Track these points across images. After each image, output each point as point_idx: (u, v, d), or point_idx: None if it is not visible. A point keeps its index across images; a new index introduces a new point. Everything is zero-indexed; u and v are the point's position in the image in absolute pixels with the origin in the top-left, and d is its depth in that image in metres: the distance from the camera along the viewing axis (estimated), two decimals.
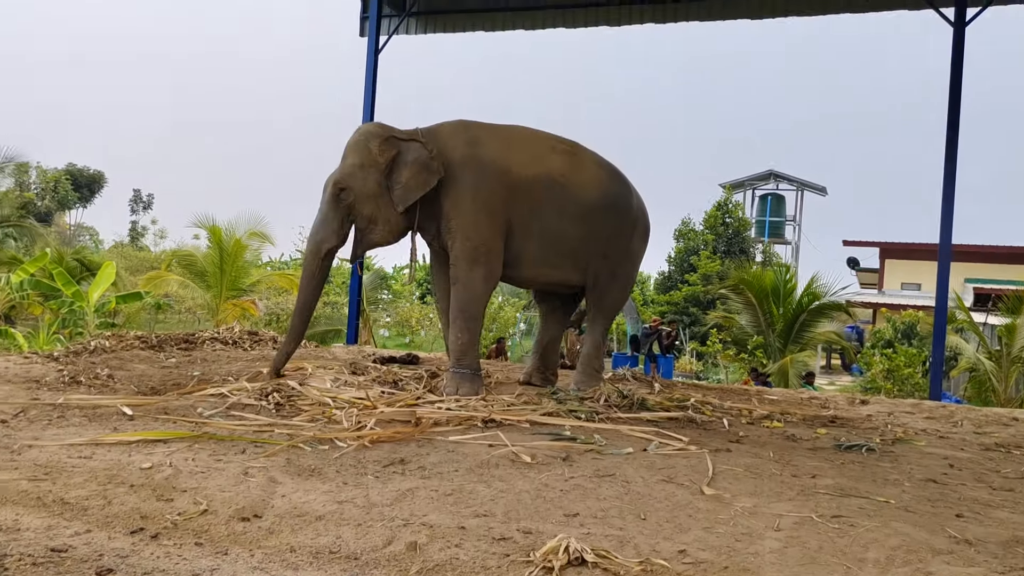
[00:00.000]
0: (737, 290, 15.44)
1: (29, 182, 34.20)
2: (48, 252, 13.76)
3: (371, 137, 5.75)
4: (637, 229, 6.48)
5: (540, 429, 4.58)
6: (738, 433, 4.98)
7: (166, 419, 4.30)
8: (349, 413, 4.54)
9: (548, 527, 2.81)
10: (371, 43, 11.25)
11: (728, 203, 27.24)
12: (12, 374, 5.43)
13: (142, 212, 46.56)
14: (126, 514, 2.72)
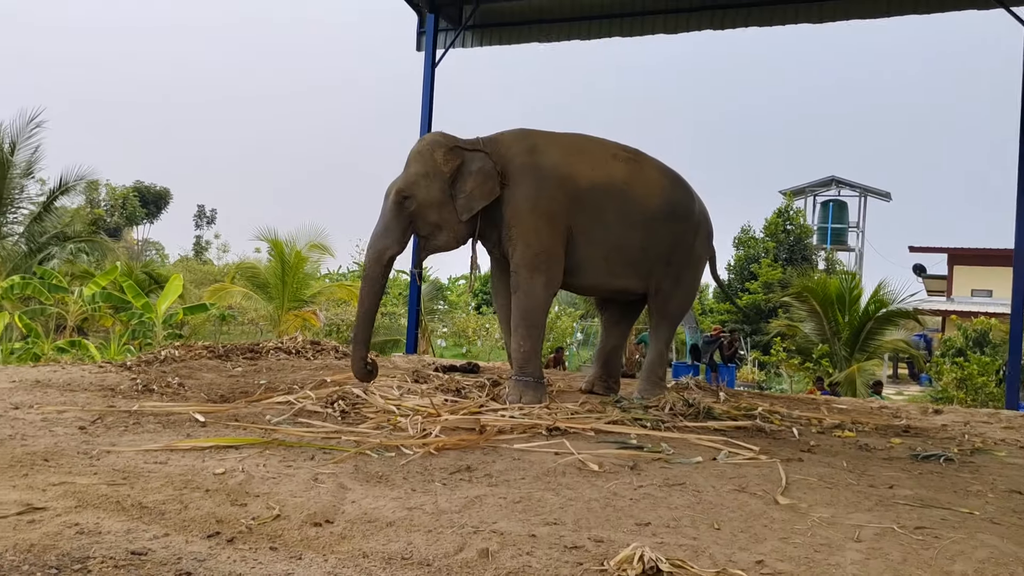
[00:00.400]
0: (801, 298, 15.15)
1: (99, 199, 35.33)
2: (118, 266, 14.17)
3: (436, 147, 5.77)
4: (700, 235, 6.40)
5: (605, 437, 4.54)
6: (809, 442, 4.87)
7: (236, 426, 4.37)
8: (414, 420, 4.56)
9: (620, 536, 2.76)
10: (428, 57, 11.35)
11: (789, 210, 26.76)
12: (88, 383, 5.60)
13: (206, 227, 47.74)
14: (202, 518, 2.75)
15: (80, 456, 3.51)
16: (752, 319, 22.96)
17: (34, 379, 5.49)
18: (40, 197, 17.34)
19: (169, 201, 42.69)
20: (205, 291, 17.62)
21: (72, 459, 3.45)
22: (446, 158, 5.71)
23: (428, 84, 11.10)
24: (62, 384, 5.44)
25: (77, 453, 3.55)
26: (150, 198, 40.74)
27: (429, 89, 11.09)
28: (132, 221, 39.06)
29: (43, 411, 4.44)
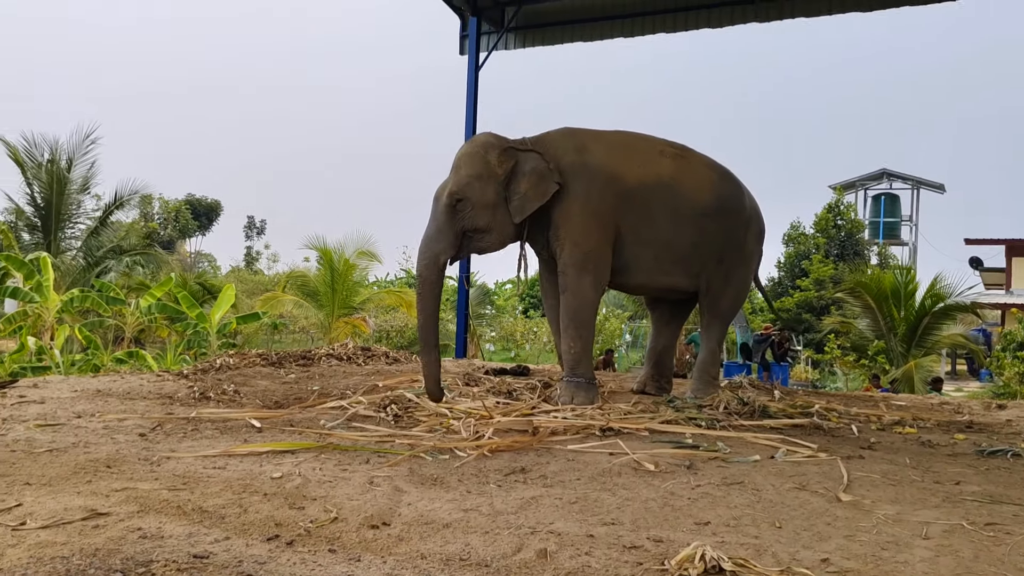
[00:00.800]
0: (854, 293, 14.84)
1: (153, 213, 36.17)
2: (173, 277, 14.45)
3: (489, 148, 5.69)
4: (751, 231, 6.30)
5: (660, 437, 4.49)
6: (869, 440, 4.77)
7: (292, 431, 4.42)
8: (467, 423, 4.56)
9: (679, 535, 2.72)
10: (471, 61, 11.40)
11: (839, 205, 26.25)
12: (147, 391, 5.71)
13: (256, 237, 48.56)
14: (261, 522, 2.78)
15: (141, 462, 3.57)
16: (803, 316, 22.57)
17: (95, 389, 5.62)
18: (96, 212, 17.82)
19: (220, 213, 43.52)
20: (257, 300, 17.91)
21: (134, 465, 3.51)
22: (500, 159, 5.65)
23: (472, 88, 11.15)
24: (122, 393, 5.55)
25: (138, 460, 3.62)
26: (201, 210, 41.57)
27: (473, 93, 11.13)
28: (185, 234, 39.89)
29: (104, 419, 4.53)
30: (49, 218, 16.22)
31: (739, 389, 6.02)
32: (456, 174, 5.67)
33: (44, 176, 16.23)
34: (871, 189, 33.81)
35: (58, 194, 16.17)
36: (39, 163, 16.32)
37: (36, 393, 5.28)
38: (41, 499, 2.97)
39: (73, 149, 16.45)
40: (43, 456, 3.62)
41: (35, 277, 11.52)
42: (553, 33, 12.14)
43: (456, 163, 5.74)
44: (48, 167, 16.26)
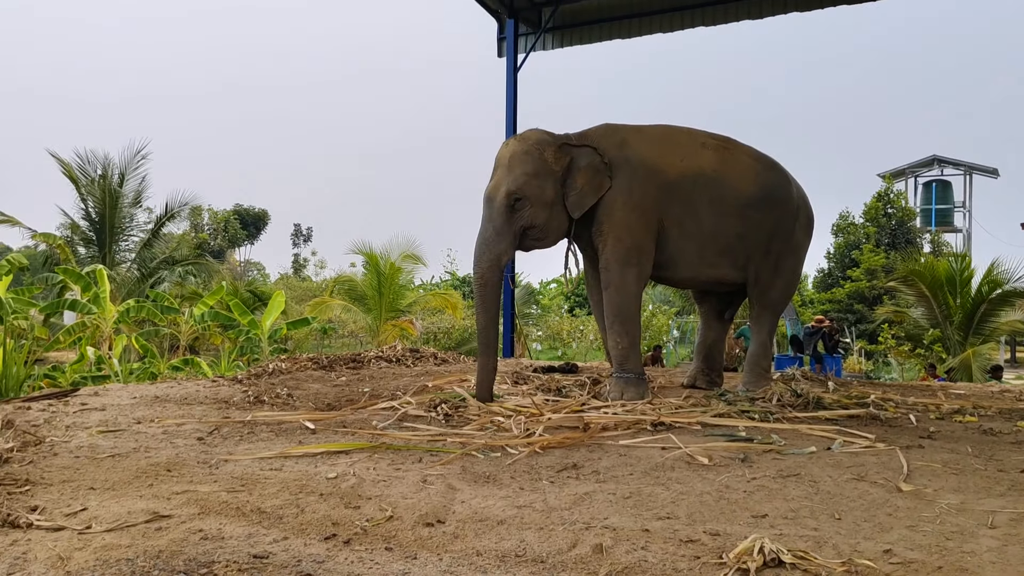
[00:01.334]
0: (908, 282, 14.52)
1: (202, 223, 36.88)
2: (224, 285, 14.73)
3: (544, 145, 5.66)
4: (799, 220, 6.21)
5: (712, 431, 4.45)
6: (928, 429, 4.67)
7: (345, 432, 4.47)
8: (517, 421, 4.56)
9: (736, 528, 2.70)
10: (509, 62, 11.40)
11: (889, 193, 25.70)
12: (203, 396, 5.82)
13: (303, 245, 49.20)
14: (318, 521, 2.81)
15: (200, 465, 3.64)
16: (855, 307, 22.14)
17: (153, 395, 5.74)
18: (148, 225, 18.22)
19: (267, 222, 44.18)
20: (306, 306, 18.14)
21: (193, 468, 3.58)
22: (556, 156, 5.63)
23: (511, 89, 11.15)
24: (179, 399, 5.67)
25: (197, 463, 3.69)
26: (249, 220, 42.23)
27: (512, 94, 11.13)
28: (234, 243, 40.57)
29: (163, 424, 4.63)
30: (103, 231, 16.64)
31: (792, 381, 5.93)
32: (510, 173, 5.59)
33: (97, 191, 16.65)
34: (922, 176, 33.01)
35: (111, 208, 16.58)
36: (92, 179, 16.76)
37: (97, 400, 5.41)
38: (105, 503, 3.04)
39: (124, 164, 16.87)
40: (106, 461, 3.71)
41: (92, 289, 11.83)
42: (591, 32, 12.08)
43: (508, 162, 5.65)
44: (101, 182, 16.68)
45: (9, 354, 7.11)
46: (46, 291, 14.79)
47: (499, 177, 5.64)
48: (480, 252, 5.60)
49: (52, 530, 2.74)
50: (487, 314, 5.60)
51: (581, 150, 5.66)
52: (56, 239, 15.89)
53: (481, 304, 5.61)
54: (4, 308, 10.30)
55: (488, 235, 5.58)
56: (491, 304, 5.60)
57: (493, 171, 5.77)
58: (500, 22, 11.89)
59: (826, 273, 25.44)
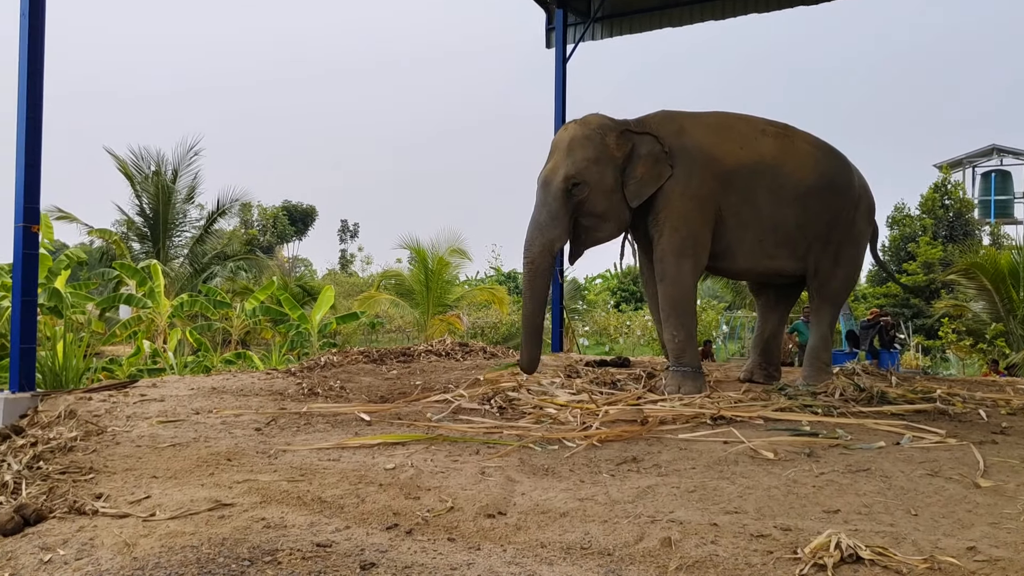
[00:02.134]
0: (968, 275, 14.08)
1: (252, 220, 37.37)
2: (275, 281, 14.88)
3: (607, 130, 5.52)
4: (860, 209, 6.04)
5: (774, 425, 4.34)
6: (1000, 424, 4.52)
7: (400, 423, 4.45)
8: (574, 413, 4.50)
9: (808, 524, 2.61)
10: (558, 53, 11.27)
11: (946, 183, 25.03)
12: (258, 388, 5.86)
13: (349, 240, 49.58)
14: (379, 511, 2.79)
15: (259, 455, 3.65)
16: (911, 301, 21.62)
17: (210, 386, 5.80)
18: (200, 221, 18.50)
19: (315, 218, 44.63)
20: (353, 301, 18.28)
21: (252, 458, 3.59)
22: (618, 142, 5.49)
23: (560, 81, 11.02)
24: (235, 390, 5.72)
25: (256, 453, 3.70)
26: (297, 216, 42.71)
27: (562, 86, 11.01)
28: (283, 239, 41.06)
29: (221, 415, 4.67)
30: (157, 227, 16.93)
31: (853, 375, 5.77)
32: (570, 157, 5.43)
33: (151, 187, 16.94)
34: (980, 166, 32.07)
35: (165, 204, 16.86)
36: (146, 175, 17.05)
37: (155, 392, 5.48)
38: (168, 491, 3.06)
39: (178, 161, 17.14)
40: (167, 451, 3.74)
41: (147, 284, 12.05)
42: (641, 20, 11.90)
43: (568, 145, 5.49)
44: (154, 178, 16.97)
45: (68, 347, 7.25)
46: (102, 286, 15.10)
47: (557, 160, 5.49)
48: (532, 236, 5.43)
49: (117, 517, 2.76)
50: (535, 301, 5.43)
51: (643, 137, 5.53)
52: (112, 235, 16.21)
53: (530, 290, 5.43)
54: (63, 302, 10.52)
55: (542, 219, 5.42)
56: (540, 291, 5.45)
57: (550, 154, 5.64)
58: (549, 12, 11.77)
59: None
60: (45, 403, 4.97)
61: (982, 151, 31.63)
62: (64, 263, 11.84)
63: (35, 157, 5.28)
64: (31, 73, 5.28)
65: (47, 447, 3.70)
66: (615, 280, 31.15)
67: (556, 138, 5.68)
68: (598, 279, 32.47)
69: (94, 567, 2.33)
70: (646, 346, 21.20)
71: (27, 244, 5.26)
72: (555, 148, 5.60)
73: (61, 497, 2.99)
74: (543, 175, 5.53)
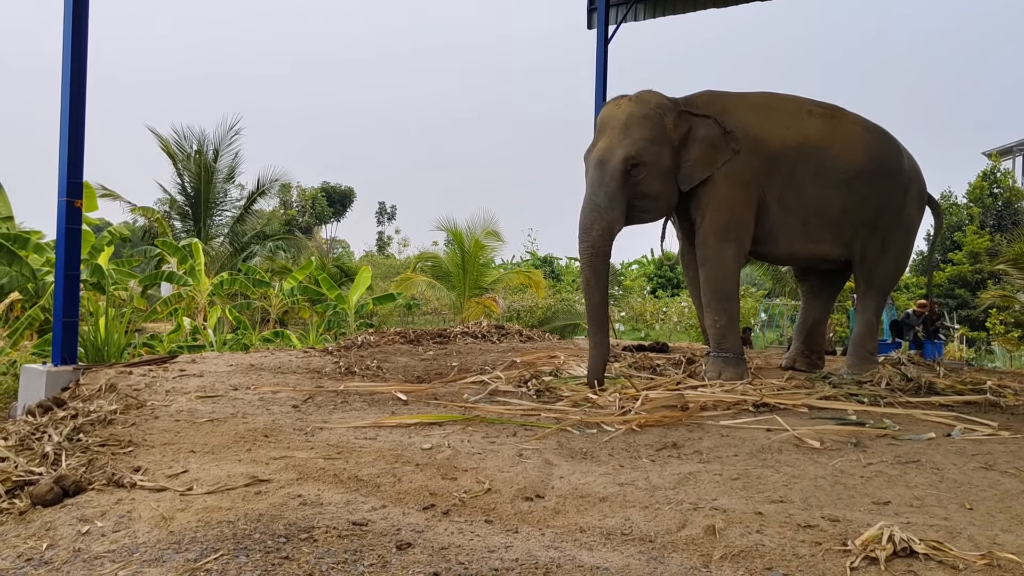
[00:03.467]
0: (1018, 265, 13.71)
1: (291, 200, 37.65)
2: (313, 261, 14.96)
3: (666, 110, 5.36)
4: (910, 194, 5.86)
5: (819, 414, 4.24)
6: None
7: (436, 404, 4.42)
8: (613, 397, 4.43)
9: (857, 515, 2.52)
10: (600, 34, 11.13)
11: (995, 172, 24.38)
12: (295, 366, 5.88)
13: (387, 223, 49.80)
14: (415, 491, 2.76)
15: (296, 432, 3.64)
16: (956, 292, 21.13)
17: (248, 364, 5.82)
18: (240, 201, 18.64)
19: (353, 200, 44.84)
20: (390, 283, 18.31)
21: (289, 435, 3.58)
22: (677, 123, 5.35)
23: (601, 62, 10.89)
24: (273, 367, 5.73)
25: (293, 430, 3.69)
26: (336, 197, 42.93)
27: (602, 68, 10.87)
28: (321, 220, 41.33)
29: (259, 391, 4.68)
30: (198, 206, 17.09)
31: (899, 365, 5.62)
32: (627, 136, 5.25)
33: (193, 167, 17.10)
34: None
35: (206, 183, 17.01)
36: (188, 154, 17.20)
37: (195, 367, 5.51)
38: (205, 466, 3.05)
39: (219, 140, 17.26)
40: (205, 426, 3.74)
41: (188, 262, 12.17)
42: (684, 1, 11.71)
43: (625, 124, 5.29)
44: (196, 158, 17.12)
45: (110, 322, 7.33)
46: (144, 263, 15.28)
47: (612, 139, 5.28)
48: (591, 219, 5.20)
49: (155, 490, 2.76)
50: (600, 289, 5.20)
51: (701, 120, 5.37)
52: (154, 213, 16.40)
53: (593, 277, 5.19)
54: (106, 278, 10.66)
55: (600, 201, 5.20)
56: (603, 277, 5.24)
57: (600, 131, 5.46)
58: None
59: (925, 256, 24.34)
60: (86, 376, 5.02)
61: None
62: (107, 240, 11.96)
63: (78, 131, 5.32)
64: (75, 48, 5.31)
65: (87, 420, 3.73)
66: (652, 266, 30.90)
67: (607, 114, 5.48)
68: (634, 264, 32.23)
69: (131, 540, 2.32)
70: (682, 333, 21.01)
71: (70, 219, 5.31)
72: (607, 125, 5.40)
73: (100, 469, 3.00)
74: (597, 154, 5.30)
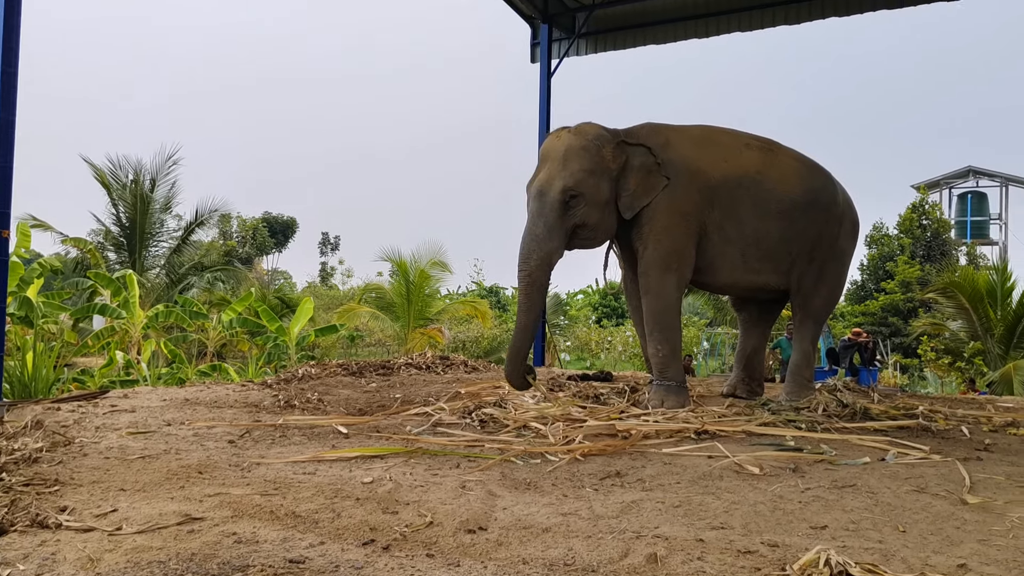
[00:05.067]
0: (947, 294, 14.19)
1: (231, 231, 37.03)
2: (253, 292, 14.71)
3: (603, 141, 5.44)
4: (844, 225, 6.03)
5: (758, 440, 4.30)
6: (983, 441, 4.50)
7: (379, 436, 4.36)
8: (556, 428, 4.43)
9: (795, 540, 2.55)
10: (543, 68, 11.29)
11: (924, 204, 25.29)
12: (232, 400, 5.74)
13: (330, 253, 49.27)
14: (355, 526, 2.70)
15: (232, 468, 3.54)
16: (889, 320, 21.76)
17: (183, 398, 5.68)
18: (178, 232, 18.29)
19: (296, 230, 44.34)
20: (333, 314, 18.10)
21: (225, 471, 3.48)
22: (614, 154, 5.42)
23: (544, 95, 11.04)
24: (209, 402, 5.59)
25: (229, 465, 3.59)
26: (278, 227, 42.40)
27: (546, 100, 11.01)
28: (262, 251, 40.73)
29: (194, 427, 4.55)
30: (133, 237, 16.72)
31: (836, 391, 5.74)
32: (566, 168, 5.33)
33: (128, 197, 16.75)
34: (957, 188, 32.50)
35: (142, 214, 16.66)
36: (124, 184, 16.85)
37: (127, 403, 5.35)
38: (136, 504, 2.95)
39: (156, 170, 16.97)
40: (136, 463, 3.62)
41: (122, 294, 11.86)
42: (625, 37, 11.95)
43: (563, 155, 5.37)
44: (132, 188, 16.78)
45: (39, 356, 7.09)
46: (76, 296, 14.86)
47: (552, 171, 5.36)
48: (529, 249, 5.29)
49: (82, 531, 2.65)
50: (530, 315, 5.32)
51: (637, 149, 5.46)
52: (87, 244, 15.99)
53: (526, 304, 5.32)
54: (35, 312, 10.33)
55: (539, 231, 5.29)
56: (536, 306, 5.36)
57: (541, 163, 5.53)
58: (534, 28, 11.80)
59: (859, 285, 25.05)
60: (11, 413, 4.83)
61: (958, 172, 32.10)
62: (37, 272, 11.62)
63: (7, 160, 5.16)
64: (4, 72, 5.16)
65: (11, 458, 3.57)
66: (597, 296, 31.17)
67: (548, 146, 5.56)
68: (580, 294, 32.49)
69: None
70: (627, 362, 21.18)
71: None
72: (547, 157, 5.48)
73: (23, 510, 2.87)
74: (537, 185, 5.40)
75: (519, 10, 11.63)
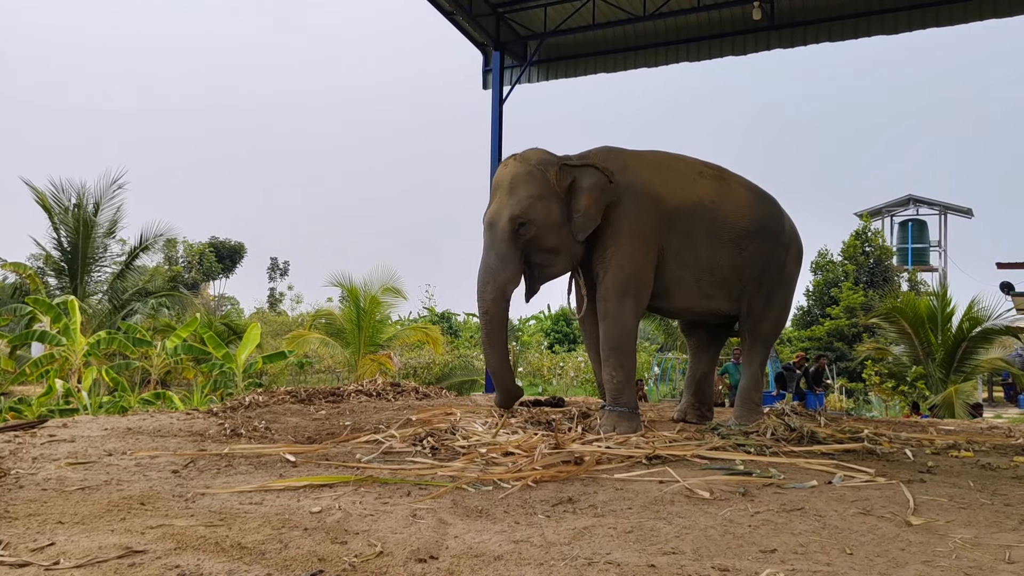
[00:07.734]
0: (889, 319, 14.53)
1: (177, 256, 36.40)
2: (198, 318, 14.42)
3: (547, 165, 5.47)
4: (791, 252, 6.16)
5: (709, 464, 4.32)
6: (927, 464, 4.58)
7: (328, 465, 4.28)
8: (508, 454, 4.41)
9: (745, 564, 2.56)
10: (495, 94, 11.39)
11: (866, 231, 25.95)
12: (177, 429, 5.61)
13: (279, 279, 48.70)
14: (303, 557, 2.64)
15: (175, 499, 3.45)
16: (835, 345, 22.20)
17: (125, 427, 5.53)
18: (121, 257, 17.89)
19: (244, 255, 43.76)
20: (282, 340, 17.84)
21: (168, 502, 3.39)
22: (559, 176, 5.44)
23: (496, 121, 11.12)
24: (152, 431, 5.46)
25: (172, 496, 3.49)
26: (225, 253, 41.81)
27: (498, 126, 11.10)
28: (209, 276, 40.10)
29: (136, 457, 4.43)
30: (75, 262, 16.31)
31: (784, 415, 5.82)
32: (513, 195, 5.39)
33: (71, 221, 16.34)
34: (898, 215, 33.47)
35: (84, 238, 16.27)
36: (66, 208, 16.45)
37: (66, 432, 5.19)
38: (74, 538, 2.85)
39: (100, 193, 16.58)
40: (75, 494, 3.51)
41: (62, 320, 11.53)
42: (576, 65, 12.13)
43: (510, 184, 5.44)
44: (75, 212, 16.39)
45: None
46: (14, 322, 14.42)
47: (500, 200, 5.42)
48: (484, 281, 5.34)
49: (16, 566, 2.55)
50: (496, 352, 5.47)
51: (583, 170, 5.49)
52: (26, 269, 15.55)
53: (489, 342, 5.43)
54: None
55: (491, 262, 5.33)
56: (500, 342, 5.44)
57: (492, 194, 5.58)
58: (486, 55, 11.90)
59: (805, 311, 25.54)
60: None
61: (899, 201, 33.05)
62: None
63: None
64: None
65: None
66: (549, 321, 31.27)
67: (497, 176, 5.61)
68: (532, 320, 32.55)
69: None
70: (579, 387, 21.24)
71: None
72: (497, 187, 5.54)
73: None
74: (488, 216, 5.47)
75: (471, 37, 11.72)
